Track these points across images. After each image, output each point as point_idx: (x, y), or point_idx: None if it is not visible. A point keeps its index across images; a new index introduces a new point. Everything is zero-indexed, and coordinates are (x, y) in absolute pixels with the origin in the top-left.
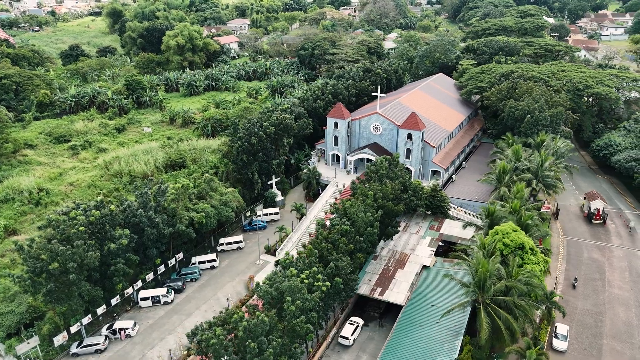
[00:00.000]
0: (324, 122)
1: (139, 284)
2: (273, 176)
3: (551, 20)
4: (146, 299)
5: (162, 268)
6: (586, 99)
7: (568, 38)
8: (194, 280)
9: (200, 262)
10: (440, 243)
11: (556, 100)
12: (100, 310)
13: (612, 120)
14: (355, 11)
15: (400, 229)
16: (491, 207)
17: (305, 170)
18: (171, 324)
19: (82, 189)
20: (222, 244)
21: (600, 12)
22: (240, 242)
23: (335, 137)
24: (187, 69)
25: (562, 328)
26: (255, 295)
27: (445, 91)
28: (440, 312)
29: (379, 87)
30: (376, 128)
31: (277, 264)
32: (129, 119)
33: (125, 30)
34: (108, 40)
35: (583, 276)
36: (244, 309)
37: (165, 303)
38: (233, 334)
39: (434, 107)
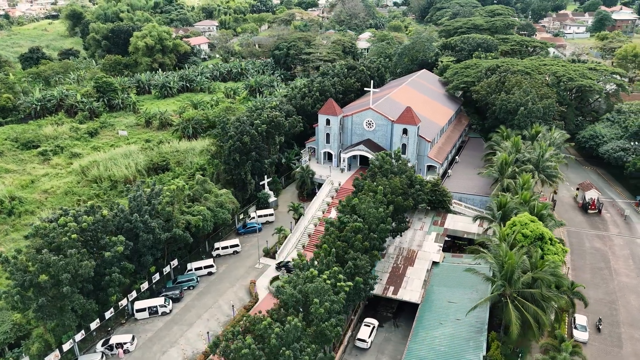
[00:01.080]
0: (312, 120)
1: (134, 294)
2: (265, 176)
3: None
4: (142, 310)
5: (156, 276)
6: (566, 92)
7: (535, 36)
8: (191, 287)
9: (196, 269)
10: (446, 238)
11: (545, 93)
12: (94, 325)
13: (591, 113)
14: (322, 12)
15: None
16: (503, 198)
17: (298, 169)
18: (172, 335)
19: (58, 196)
20: (217, 249)
21: (561, 12)
22: (236, 245)
23: (327, 135)
24: (159, 70)
25: (580, 319)
26: (259, 301)
27: (432, 87)
28: (458, 308)
29: (372, 82)
30: (369, 124)
31: (278, 267)
32: (102, 122)
33: (88, 32)
34: (69, 43)
35: (589, 265)
36: (264, 314)
37: (164, 314)
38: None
39: (423, 103)
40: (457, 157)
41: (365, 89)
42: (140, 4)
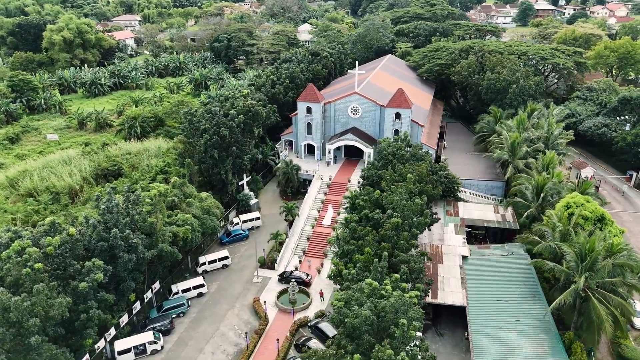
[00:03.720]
0: (284, 110)
1: (112, 332)
2: (244, 175)
3: None
4: (127, 351)
5: (137, 306)
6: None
7: None
8: (181, 314)
9: (184, 291)
10: (466, 229)
11: (526, 71)
12: None
13: (551, 94)
14: (251, 7)
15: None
16: (540, 178)
17: (280, 165)
18: None
19: None
20: (203, 264)
21: (484, 4)
22: (226, 258)
23: (309, 124)
24: (84, 66)
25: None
26: (270, 323)
27: (403, 71)
28: (512, 307)
29: (357, 63)
30: (355, 110)
31: (282, 279)
32: (23, 126)
33: None
34: None
35: None
36: (329, 346)
37: (154, 352)
38: None
39: (402, 87)
40: (444, 142)
41: (350, 71)
42: None
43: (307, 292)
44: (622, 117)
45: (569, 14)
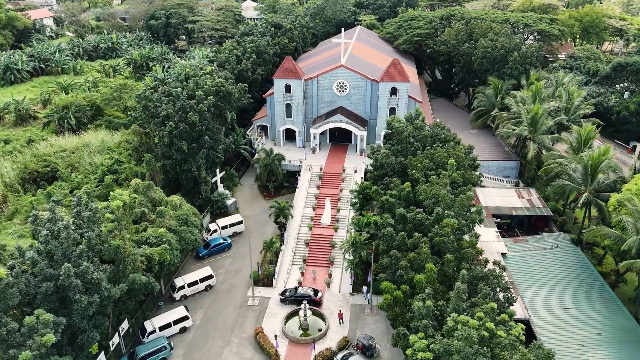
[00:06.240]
0: (253, 89)
1: None
2: (217, 170)
3: None
4: None
5: (101, 358)
6: None
7: None
8: None
9: (162, 328)
10: (495, 220)
11: (518, 39)
12: None
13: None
14: None
15: None
16: (594, 156)
17: (259, 155)
18: None
19: None
20: (182, 287)
21: None
22: (210, 277)
23: (288, 105)
24: None
25: None
26: None
27: (379, 43)
28: (582, 315)
29: (342, 29)
30: (341, 87)
31: (285, 298)
32: None
33: None
34: None
35: None
36: None
37: None
38: None
39: (386, 61)
40: (437, 120)
41: (333, 39)
42: None
43: (321, 313)
44: (617, 85)
45: None
